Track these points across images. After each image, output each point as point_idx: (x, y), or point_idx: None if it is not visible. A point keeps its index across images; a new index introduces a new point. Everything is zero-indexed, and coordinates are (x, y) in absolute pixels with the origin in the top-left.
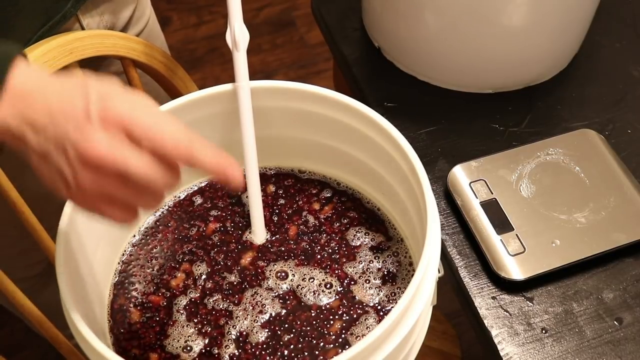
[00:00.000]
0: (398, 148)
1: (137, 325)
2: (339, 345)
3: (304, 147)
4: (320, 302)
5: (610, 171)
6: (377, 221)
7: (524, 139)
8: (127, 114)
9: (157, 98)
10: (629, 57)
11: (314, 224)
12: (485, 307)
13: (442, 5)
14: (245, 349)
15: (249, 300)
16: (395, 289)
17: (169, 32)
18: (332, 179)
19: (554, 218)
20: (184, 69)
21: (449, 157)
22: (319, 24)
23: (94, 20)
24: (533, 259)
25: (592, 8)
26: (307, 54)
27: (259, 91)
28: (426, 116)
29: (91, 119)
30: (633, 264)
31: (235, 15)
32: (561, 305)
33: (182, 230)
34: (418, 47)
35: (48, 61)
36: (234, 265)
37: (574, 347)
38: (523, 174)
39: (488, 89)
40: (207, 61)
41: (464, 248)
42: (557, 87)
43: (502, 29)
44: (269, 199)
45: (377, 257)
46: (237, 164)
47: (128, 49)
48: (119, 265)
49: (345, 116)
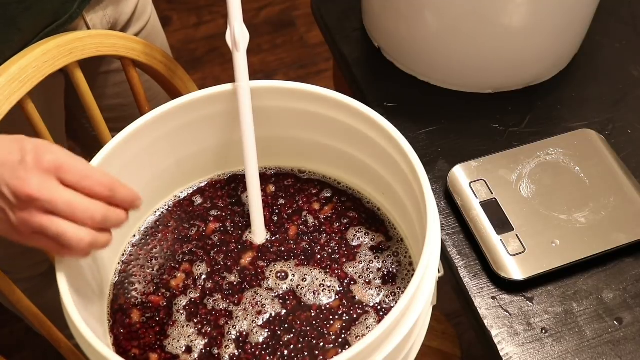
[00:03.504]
0: (398, 148)
1: (137, 325)
2: (339, 345)
3: (304, 147)
4: (320, 302)
5: (610, 171)
6: (377, 221)
7: (524, 139)
8: (60, 159)
9: (157, 98)
10: (629, 57)
11: (314, 224)
12: (485, 307)
13: (442, 6)
14: (245, 349)
15: (248, 300)
16: (395, 289)
17: (169, 32)
18: (332, 179)
19: (554, 218)
20: (184, 69)
21: (449, 157)
22: (319, 24)
23: (97, 16)
24: (533, 259)
25: (592, 8)
26: (307, 54)
27: (259, 91)
28: (426, 116)
29: (26, 165)
30: (633, 264)
31: (235, 15)
32: (561, 305)
33: (182, 230)
34: (418, 47)
35: (48, 61)
36: (234, 265)
37: (574, 347)
38: (523, 174)
39: (488, 89)
40: (207, 61)
41: (464, 248)
42: (557, 87)
43: (502, 29)
44: (269, 199)
45: (377, 257)
46: (141, 199)
47: (128, 49)
48: (119, 265)
49: (345, 116)
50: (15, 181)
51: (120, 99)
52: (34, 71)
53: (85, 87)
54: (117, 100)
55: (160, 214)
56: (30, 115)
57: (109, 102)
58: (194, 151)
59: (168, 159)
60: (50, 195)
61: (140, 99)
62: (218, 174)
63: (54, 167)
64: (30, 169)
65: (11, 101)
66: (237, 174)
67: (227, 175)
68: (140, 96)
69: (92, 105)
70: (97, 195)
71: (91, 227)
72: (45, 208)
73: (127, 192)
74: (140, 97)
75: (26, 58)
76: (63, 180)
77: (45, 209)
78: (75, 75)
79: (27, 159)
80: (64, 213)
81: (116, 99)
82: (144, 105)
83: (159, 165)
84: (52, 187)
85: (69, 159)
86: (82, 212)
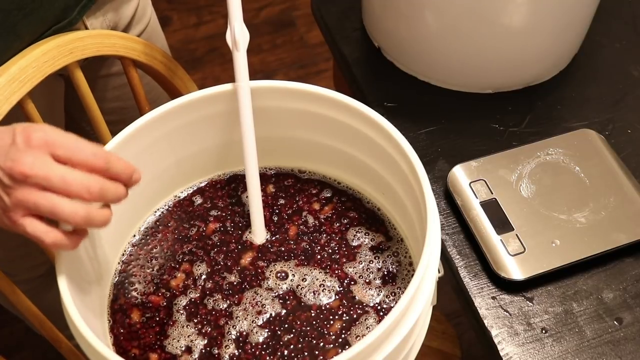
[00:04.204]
0: (398, 148)
1: (137, 325)
2: (339, 345)
3: (304, 147)
4: (320, 302)
5: (610, 171)
6: (377, 221)
7: (524, 139)
8: (50, 136)
9: (157, 98)
10: (629, 57)
11: (314, 224)
12: (485, 307)
13: (442, 5)
14: (245, 349)
15: (248, 300)
16: (395, 289)
17: (169, 32)
18: (332, 179)
19: (554, 218)
20: (184, 69)
21: (449, 157)
22: (319, 24)
23: (97, 21)
24: (533, 259)
25: (592, 8)
26: (307, 54)
27: (259, 91)
28: (426, 116)
29: (17, 146)
30: (633, 264)
31: (235, 15)
32: (561, 305)
33: (182, 230)
34: (418, 47)
35: (48, 61)
36: (234, 265)
37: (574, 347)
38: (523, 174)
39: (488, 89)
40: (207, 61)
41: (464, 248)
42: (557, 87)
43: (502, 29)
44: (269, 199)
45: (377, 257)
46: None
47: (128, 48)
48: (119, 265)
49: (345, 116)
50: (9, 162)
51: (120, 102)
52: (34, 71)
53: (86, 87)
54: (117, 104)
55: (160, 214)
56: (30, 115)
57: (109, 105)
58: (194, 151)
59: (168, 159)
60: (43, 172)
61: (140, 99)
62: (218, 174)
63: (44, 144)
64: (21, 149)
65: (11, 101)
66: (237, 174)
67: (227, 175)
68: (140, 96)
69: (92, 106)
70: (91, 168)
71: (88, 200)
72: (40, 185)
73: (123, 164)
74: (140, 97)
75: (26, 58)
76: (56, 156)
77: (40, 185)
78: (76, 76)
79: (17, 140)
80: (59, 188)
81: (116, 102)
82: (144, 105)
83: (159, 165)
84: (46, 163)
85: (59, 135)
86: (76, 185)
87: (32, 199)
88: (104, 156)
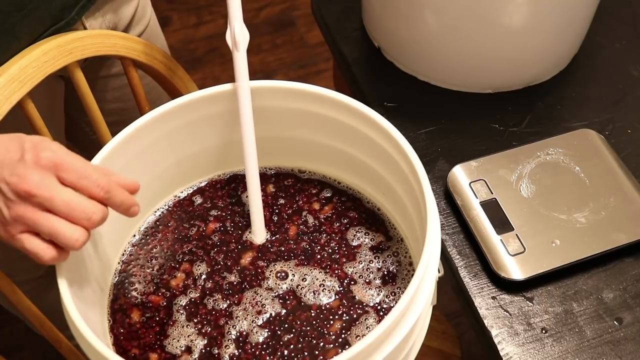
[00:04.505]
0: (398, 148)
1: (137, 325)
2: (339, 345)
3: (304, 147)
4: (320, 302)
5: (610, 171)
6: (377, 221)
7: (524, 139)
8: (59, 157)
9: (157, 98)
10: (629, 57)
11: (314, 224)
12: (485, 307)
13: (442, 5)
14: (245, 349)
15: (248, 300)
16: (395, 289)
17: (169, 32)
18: (332, 178)
19: (554, 218)
20: (184, 69)
21: (449, 157)
22: (319, 24)
23: (97, 22)
24: (533, 259)
25: (592, 8)
26: (307, 54)
27: (259, 91)
28: (426, 116)
29: (25, 162)
30: (633, 264)
31: (235, 15)
32: (561, 305)
33: (182, 230)
34: (418, 47)
35: (48, 61)
36: (234, 265)
37: (574, 347)
38: (523, 174)
39: (488, 89)
40: (207, 61)
41: (464, 248)
42: (557, 87)
43: (502, 29)
44: (269, 199)
45: (377, 257)
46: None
47: (128, 48)
48: (119, 265)
49: (345, 116)
50: (15, 178)
51: (120, 102)
52: (34, 71)
53: (86, 87)
54: (117, 104)
55: (160, 214)
56: (30, 115)
57: (109, 106)
58: (194, 151)
59: (168, 159)
60: (49, 193)
61: (140, 99)
62: (218, 174)
63: (52, 165)
64: (29, 166)
65: (11, 101)
66: (237, 174)
67: (227, 175)
68: (141, 97)
69: (92, 106)
70: (92, 197)
71: (88, 227)
72: (42, 205)
73: (124, 197)
74: (141, 97)
75: (26, 58)
76: (61, 179)
77: (42, 206)
78: (76, 76)
79: (26, 156)
80: (61, 212)
81: (116, 102)
82: (144, 105)
83: (159, 165)
84: (52, 184)
85: (68, 157)
86: (79, 212)
87: (32, 218)
88: (106, 187)
